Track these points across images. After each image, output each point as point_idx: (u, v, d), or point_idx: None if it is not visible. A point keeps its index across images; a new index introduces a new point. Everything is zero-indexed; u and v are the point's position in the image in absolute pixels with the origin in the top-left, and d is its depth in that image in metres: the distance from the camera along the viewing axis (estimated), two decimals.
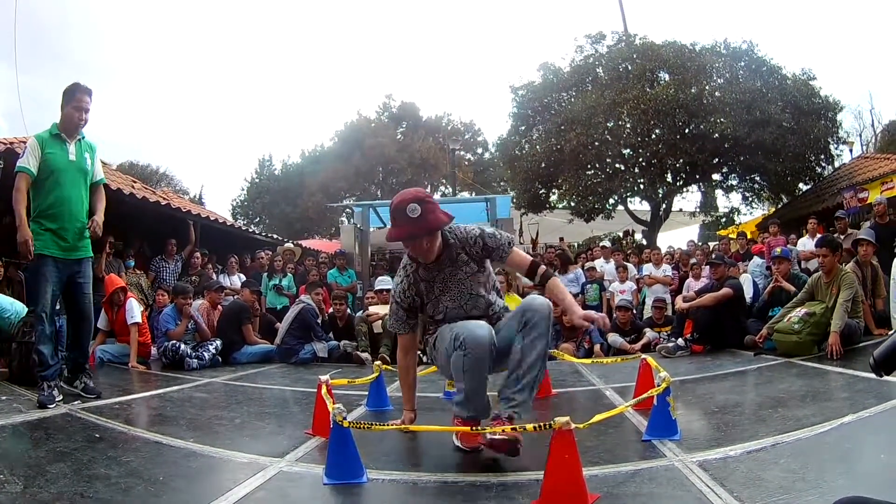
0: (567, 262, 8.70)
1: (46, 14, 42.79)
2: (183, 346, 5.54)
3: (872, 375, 1.35)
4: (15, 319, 4.44)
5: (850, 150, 16.01)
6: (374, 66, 61.45)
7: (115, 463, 2.37)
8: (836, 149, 14.79)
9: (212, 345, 5.78)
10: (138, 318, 5.56)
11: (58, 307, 3.68)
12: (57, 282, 3.61)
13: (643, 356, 3.45)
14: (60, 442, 2.65)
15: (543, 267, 2.77)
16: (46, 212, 3.60)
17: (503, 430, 2.21)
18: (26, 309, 4.33)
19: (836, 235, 6.96)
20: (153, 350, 5.94)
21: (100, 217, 3.79)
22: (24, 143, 7.16)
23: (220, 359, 5.79)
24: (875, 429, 2.51)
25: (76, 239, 3.68)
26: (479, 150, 34.37)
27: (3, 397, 3.56)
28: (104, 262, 6.87)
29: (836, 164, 14.89)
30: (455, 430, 2.50)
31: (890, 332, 4.79)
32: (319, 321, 6.40)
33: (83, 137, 3.83)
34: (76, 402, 3.50)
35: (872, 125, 24.82)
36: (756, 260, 7.94)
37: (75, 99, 3.70)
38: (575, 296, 7.44)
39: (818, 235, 7.43)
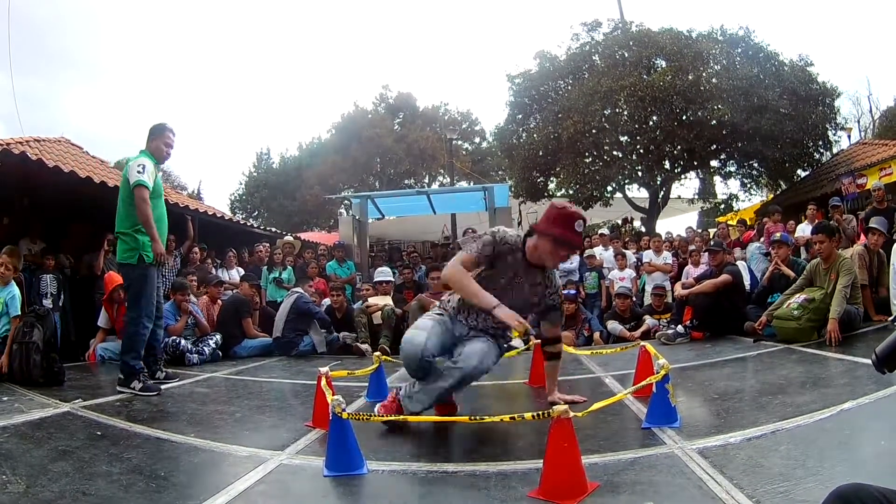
0: None
1: (38, 12, 42.45)
2: (183, 342, 5.55)
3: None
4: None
5: (849, 137, 15.96)
6: (369, 57, 61.22)
7: (116, 460, 2.37)
8: (835, 135, 14.72)
9: (212, 339, 5.79)
10: None
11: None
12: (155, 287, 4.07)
13: (642, 343, 3.45)
14: (62, 441, 2.66)
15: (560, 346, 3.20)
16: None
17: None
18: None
19: (830, 222, 6.94)
20: None
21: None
22: (21, 143, 7.23)
23: (220, 353, 5.81)
24: (875, 415, 2.51)
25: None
26: (477, 140, 34.26)
27: (5, 398, 3.56)
28: (103, 259, 6.87)
29: (835, 151, 14.79)
30: (453, 419, 2.51)
31: (889, 318, 4.79)
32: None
33: None
34: (77, 401, 3.50)
35: (870, 111, 24.84)
36: (750, 247, 7.93)
37: (165, 136, 4.12)
38: (574, 284, 7.47)
39: (817, 221, 7.40)
